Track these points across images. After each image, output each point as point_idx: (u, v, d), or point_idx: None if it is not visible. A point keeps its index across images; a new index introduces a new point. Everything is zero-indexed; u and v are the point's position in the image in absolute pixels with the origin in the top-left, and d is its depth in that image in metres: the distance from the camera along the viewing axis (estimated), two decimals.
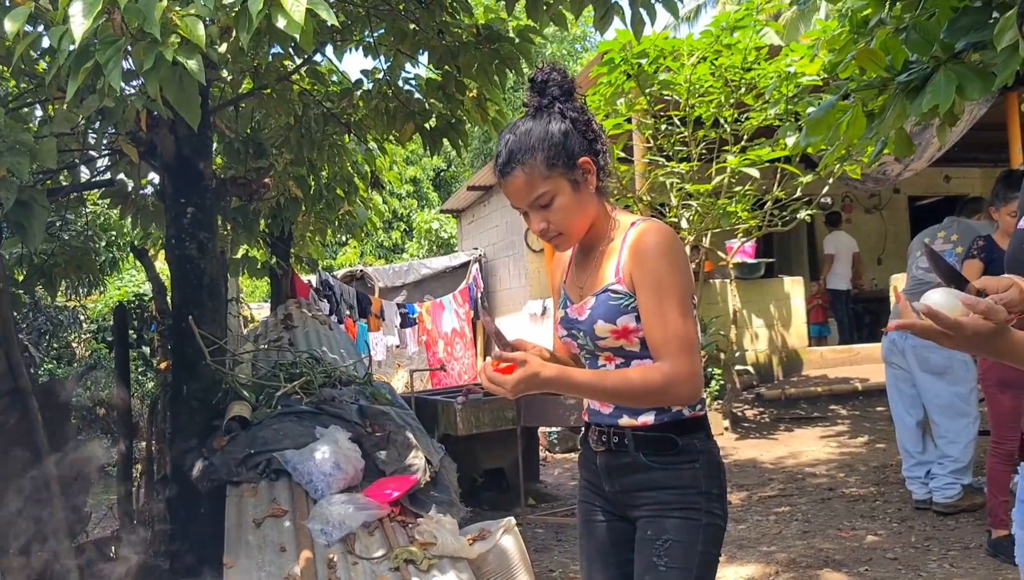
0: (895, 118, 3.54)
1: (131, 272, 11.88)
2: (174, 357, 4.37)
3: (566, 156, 1.77)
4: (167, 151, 4.15)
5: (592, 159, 1.80)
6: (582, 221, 1.82)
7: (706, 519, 1.79)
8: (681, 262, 1.73)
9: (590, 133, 1.81)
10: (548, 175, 1.77)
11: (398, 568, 3.11)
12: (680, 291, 1.71)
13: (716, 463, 1.84)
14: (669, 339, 1.69)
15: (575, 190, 1.79)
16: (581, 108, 1.81)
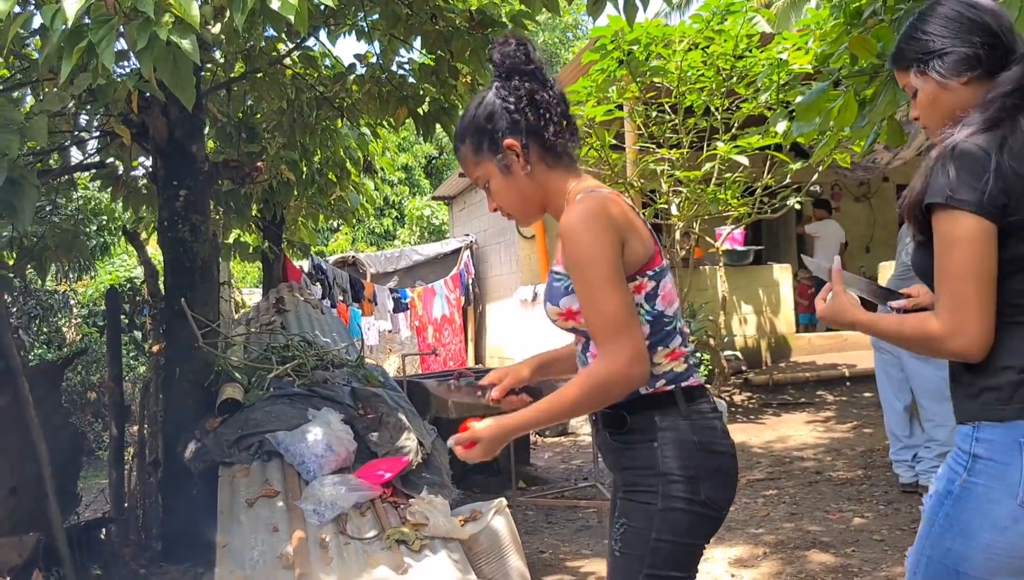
0: (886, 104, 3.56)
1: (122, 257, 11.85)
2: (167, 340, 4.38)
3: (489, 140, 1.76)
4: (159, 133, 4.15)
5: (519, 140, 1.74)
6: (522, 203, 1.81)
7: (663, 503, 1.66)
8: (601, 234, 1.62)
9: (523, 112, 1.74)
10: (476, 160, 1.79)
11: (390, 548, 3.13)
12: (603, 267, 1.62)
13: (686, 442, 1.68)
14: (600, 325, 1.63)
15: (505, 173, 1.77)
16: (516, 87, 1.74)
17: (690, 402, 1.72)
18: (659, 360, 1.72)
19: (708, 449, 1.70)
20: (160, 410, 4.77)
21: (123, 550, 4.33)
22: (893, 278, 4.92)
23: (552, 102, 1.76)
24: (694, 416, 1.71)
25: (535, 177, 1.78)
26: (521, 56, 1.76)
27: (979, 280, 1.49)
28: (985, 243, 1.49)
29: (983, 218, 1.49)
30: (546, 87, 1.77)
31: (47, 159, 5.02)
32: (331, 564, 3.03)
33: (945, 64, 1.62)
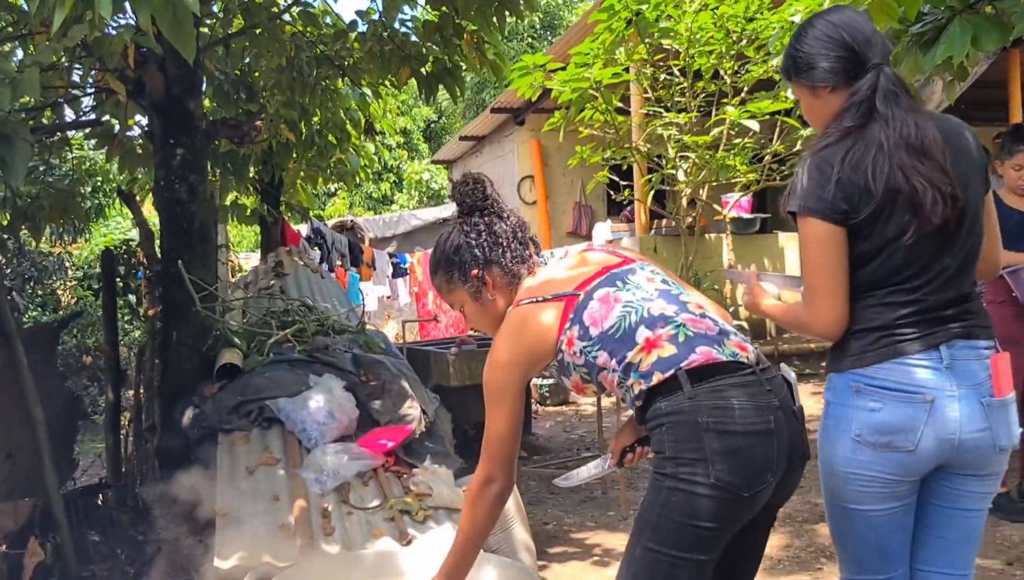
0: (908, 71, 3.44)
1: (117, 219, 11.72)
2: (163, 303, 4.28)
3: (459, 271, 2.00)
4: (156, 90, 4.02)
5: (482, 268, 1.98)
6: (493, 321, 2.01)
7: (670, 483, 1.70)
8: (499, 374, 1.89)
9: (482, 245, 1.98)
10: (449, 288, 2.05)
11: (393, 519, 3.07)
12: (496, 400, 1.89)
13: (690, 423, 1.68)
14: (485, 443, 1.92)
15: (475, 298, 2.02)
16: (475, 223, 1.99)
17: (699, 382, 1.72)
18: (636, 359, 1.78)
19: (719, 429, 1.67)
20: (156, 375, 4.68)
21: (121, 516, 4.27)
22: None
23: (508, 231, 2.01)
24: (702, 396, 1.71)
25: (499, 297, 2.01)
26: (479, 194, 2.01)
27: (829, 273, 1.81)
28: (832, 243, 1.79)
29: (829, 223, 1.79)
30: (502, 218, 2.02)
31: (40, 116, 4.89)
32: (333, 534, 2.96)
33: (813, 76, 1.90)
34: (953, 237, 1.81)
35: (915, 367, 1.79)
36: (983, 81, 8.02)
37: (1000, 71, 8.02)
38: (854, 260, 1.81)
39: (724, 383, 1.71)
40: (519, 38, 21.70)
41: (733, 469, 1.66)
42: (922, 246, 1.78)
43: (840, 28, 1.86)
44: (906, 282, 1.81)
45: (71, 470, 4.42)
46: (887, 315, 1.82)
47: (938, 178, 1.74)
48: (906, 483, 1.84)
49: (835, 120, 1.85)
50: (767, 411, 1.70)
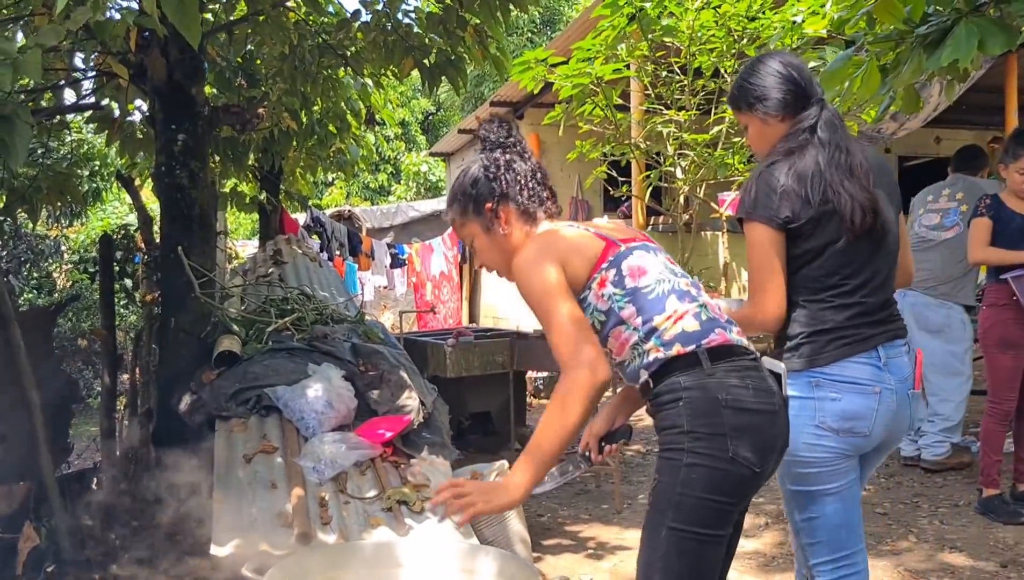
0: (911, 73, 3.43)
1: (114, 204, 11.69)
2: (162, 288, 4.27)
3: (473, 203, 2.00)
4: (158, 74, 4.00)
5: (494, 202, 1.97)
6: (502, 258, 2.01)
7: (688, 459, 1.73)
8: (537, 265, 1.83)
9: (502, 179, 1.98)
10: (463, 221, 2.04)
11: (391, 509, 3.07)
12: (544, 293, 1.80)
13: (710, 399, 1.74)
14: (555, 344, 1.77)
15: (486, 233, 2.01)
16: (496, 158, 1.99)
17: (716, 360, 1.78)
18: (662, 326, 1.81)
19: (736, 406, 1.74)
20: (153, 360, 4.67)
21: (116, 501, 4.26)
22: None
23: (527, 171, 2.01)
24: (720, 374, 1.77)
25: (512, 236, 1.99)
26: (504, 132, 2.03)
27: (771, 271, 2.06)
28: (774, 246, 2.06)
29: (771, 228, 2.05)
30: (523, 157, 2.02)
31: (40, 98, 4.87)
32: (330, 524, 2.96)
33: (767, 105, 2.17)
34: (880, 246, 2.11)
35: (862, 365, 2.05)
36: (980, 85, 8.04)
37: (998, 75, 8.04)
38: (800, 257, 2.08)
39: (738, 364, 1.80)
40: (519, 33, 21.66)
41: (748, 445, 1.73)
42: (855, 250, 2.07)
43: (789, 68, 2.18)
44: (846, 282, 2.07)
45: (66, 454, 4.41)
46: (835, 318, 2.06)
47: (860, 194, 2.05)
48: (855, 458, 2.12)
49: (781, 142, 2.15)
50: (772, 394, 1.80)
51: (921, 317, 4.56)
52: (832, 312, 2.06)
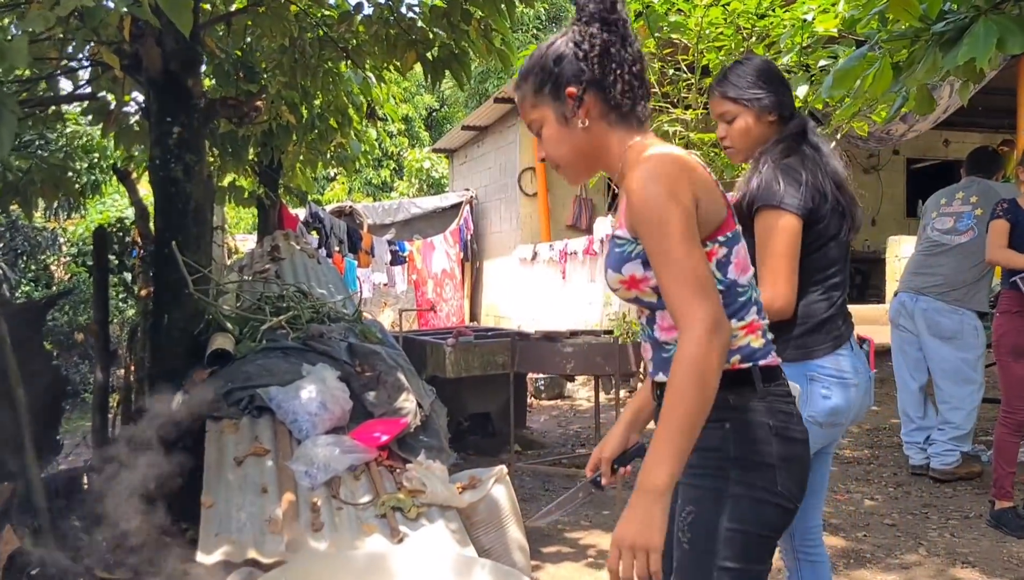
0: (926, 72, 3.33)
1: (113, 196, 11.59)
2: (156, 284, 4.17)
3: (553, 84, 1.63)
4: (153, 65, 3.90)
5: (580, 89, 1.61)
6: (574, 157, 1.67)
7: (736, 490, 1.54)
8: (676, 187, 1.48)
9: (592, 64, 1.61)
10: (535, 102, 1.68)
11: (384, 515, 2.97)
12: (678, 223, 1.46)
13: (760, 425, 1.55)
14: (677, 288, 1.45)
15: (561, 122, 1.64)
16: (593, 35, 1.61)
17: (767, 382, 1.59)
18: (735, 333, 1.59)
19: (784, 435, 1.58)
20: (147, 356, 4.58)
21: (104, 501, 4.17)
22: (917, 254, 4.72)
23: (628, 60, 1.63)
24: (770, 398, 1.59)
25: (593, 133, 1.64)
26: (607, 4, 1.62)
27: (792, 259, 2.10)
28: (797, 234, 2.11)
29: (798, 217, 2.11)
30: (625, 43, 1.63)
31: (34, 88, 4.77)
32: (322, 530, 2.87)
33: (763, 104, 2.25)
34: (848, 250, 2.29)
35: (844, 357, 2.17)
36: (991, 87, 7.93)
37: (1009, 77, 7.92)
38: (810, 245, 2.16)
39: (784, 389, 1.64)
40: (524, 28, 21.55)
41: (792, 479, 1.58)
42: (843, 250, 2.23)
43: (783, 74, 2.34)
44: (835, 276, 2.20)
45: (55, 452, 4.32)
46: (825, 309, 2.17)
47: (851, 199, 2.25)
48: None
49: (774, 144, 2.24)
50: (802, 421, 1.66)
51: (933, 323, 4.46)
52: (823, 303, 2.16)
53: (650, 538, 1.38)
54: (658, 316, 1.62)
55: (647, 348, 1.69)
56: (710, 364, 1.42)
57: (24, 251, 9.19)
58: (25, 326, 3.99)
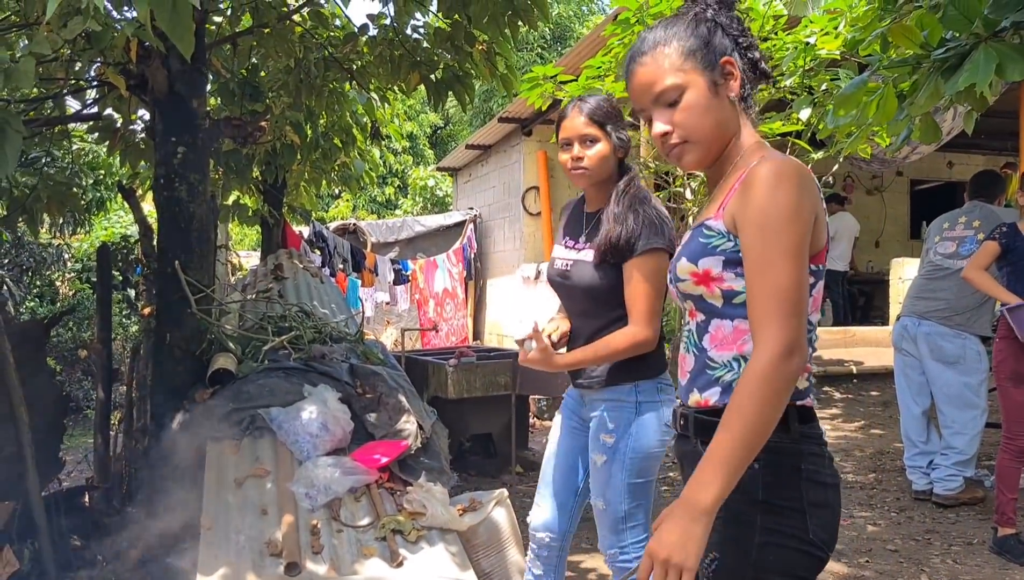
0: (928, 98, 3.34)
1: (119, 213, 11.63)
2: (158, 303, 4.18)
3: (707, 50, 1.54)
4: (158, 86, 3.92)
5: (738, 61, 1.55)
6: (713, 131, 1.53)
7: (762, 538, 1.43)
8: (803, 199, 1.40)
9: (743, 39, 1.58)
10: (681, 66, 1.53)
11: (385, 538, 2.96)
12: (794, 235, 1.37)
13: (792, 468, 1.45)
14: (767, 300, 1.37)
15: (711, 92, 1.52)
16: (735, 17, 1.60)
17: (802, 423, 1.49)
18: None
19: (815, 479, 1.48)
20: (149, 375, 4.58)
21: (105, 519, 4.16)
22: (919, 278, 4.72)
23: (756, 46, 1.60)
24: (803, 441, 1.48)
25: (735, 111, 1.55)
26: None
27: (662, 296, 2.33)
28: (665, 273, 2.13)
29: (668, 255, 2.28)
30: (746, 33, 1.59)
31: (42, 107, 4.81)
32: (321, 553, 2.86)
33: (623, 140, 2.44)
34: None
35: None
36: (994, 110, 7.92)
37: (1011, 100, 7.93)
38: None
39: (815, 431, 1.53)
40: (529, 48, 21.65)
41: (824, 525, 1.48)
42: None
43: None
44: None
45: (56, 470, 4.31)
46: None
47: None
48: None
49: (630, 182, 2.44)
50: (833, 463, 1.56)
51: (936, 347, 4.45)
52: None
53: (686, 557, 1.32)
54: (713, 325, 1.53)
55: (687, 359, 1.60)
56: (780, 385, 1.34)
57: (29, 267, 9.22)
58: (28, 345, 4.00)
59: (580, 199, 2.63)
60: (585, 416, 2.54)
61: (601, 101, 2.43)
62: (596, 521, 2.52)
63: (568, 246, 2.54)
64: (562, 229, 2.64)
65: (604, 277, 2.37)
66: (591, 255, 2.41)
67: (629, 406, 2.38)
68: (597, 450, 2.43)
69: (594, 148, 2.39)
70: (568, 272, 2.47)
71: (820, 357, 8.87)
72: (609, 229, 2.33)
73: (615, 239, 2.32)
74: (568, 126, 2.44)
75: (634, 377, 2.38)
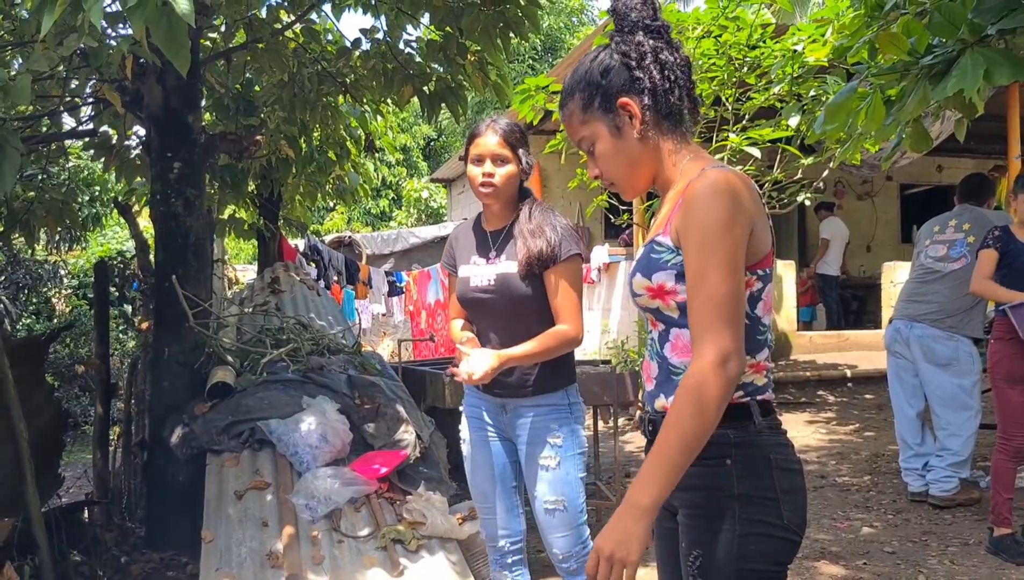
0: (916, 104, 3.38)
1: (114, 228, 11.66)
2: (156, 318, 4.21)
3: (602, 97, 1.57)
4: (154, 102, 3.96)
5: (636, 99, 1.55)
6: (629, 171, 1.60)
7: (743, 528, 1.48)
8: (737, 210, 1.44)
9: (645, 70, 1.56)
10: (584, 118, 1.60)
11: (385, 548, 2.99)
12: (727, 247, 1.42)
13: (761, 459, 1.51)
14: (705, 310, 1.42)
15: (615, 135, 1.57)
16: (639, 43, 1.57)
17: (764, 416, 1.55)
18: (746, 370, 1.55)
19: (784, 467, 1.53)
20: (147, 389, 4.60)
21: (105, 534, 4.17)
22: (911, 282, 4.75)
23: (678, 63, 1.58)
24: (767, 432, 1.54)
25: (648, 143, 1.58)
26: (648, 11, 1.59)
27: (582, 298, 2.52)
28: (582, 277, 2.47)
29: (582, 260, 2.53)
30: (671, 48, 1.59)
31: (38, 124, 4.84)
32: (322, 564, 2.88)
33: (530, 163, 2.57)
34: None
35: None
36: (981, 114, 8.01)
37: (999, 104, 8.01)
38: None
39: (776, 421, 1.59)
40: (520, 59, 21.74)
41: (795, 510, 1.53)
42: None
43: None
44: None
45: (56, 486, 4.32)
46: None
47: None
48: None
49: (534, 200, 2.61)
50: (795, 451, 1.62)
51: (928, 350, 4.48)
52: None
53: (628, 553, 1.39)
54: (672, 334, 1.57)
55: (651, 367, 1.63)
56: (713, 394, 1.39)
57: (25, 285, 9.23)
58: (27, 361, 4.01)
59: (476, 220, 2.71)
60: (505, 424, 2.62)
61: (514, 125, 2.55)
62: (550, 530, 2.54)
63: (480, 264, 2.61)
64: (461, 250, 2.69)
65: (529, 286, 2.50)
66: (513, 267, 2.50)
67: (564, 408, 2.54)
68: (546, 452, 2.51)
69: (504, 168, 2.50)
70: (492, 286, 2.55)
71: (814, 361, 8.91)
72: (531, 243, 2.47)
73: (539, 251, 2.45)
74: (482, 144, 2.53)
75: (563, 383, 2.55)
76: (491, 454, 2.66)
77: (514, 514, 2.67)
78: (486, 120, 2.61)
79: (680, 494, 1.53)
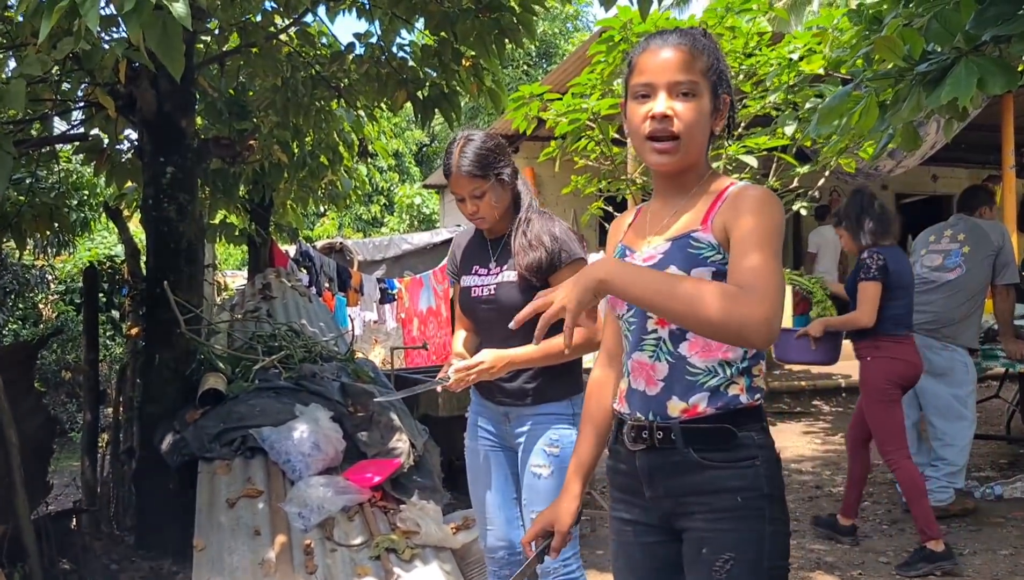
0: (910, 110, 3.38)
1: (103, 233, 11.57)
2: (147, 324, 4.17)
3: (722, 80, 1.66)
4: (147, 106, 3.93)
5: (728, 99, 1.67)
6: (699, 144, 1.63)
7: (771, 527, 1.53)
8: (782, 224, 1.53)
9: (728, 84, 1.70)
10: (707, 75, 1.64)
11: (379, 557, 2.95)
12: (777, 247, 1.49)
13: (776, 461, 1.59)
14: (758, 276, 1.43)
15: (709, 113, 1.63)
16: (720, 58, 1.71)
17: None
18: (756, 373, 1.60)
19: (779, 464, 1.63)
20: (137, 396, 4.56)
21: (94, 542, 4.12)
22: None
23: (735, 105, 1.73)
24: (770, 433, 1.62)
25: (714, 133, 1.66)
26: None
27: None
28: None
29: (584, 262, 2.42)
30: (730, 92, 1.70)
31: (28, 128, 4.79)
32: (315, 573, 2.84)
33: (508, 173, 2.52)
34: None
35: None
36: (976, 124, 8.03)
37: (993, 114, 8.04)
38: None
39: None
40: (515, 65, 21.76)
41: (787, 508, 1.62)
42: None
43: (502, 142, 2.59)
44: None
45: (44, 493, 4.27)
46: None
47: None
48: None
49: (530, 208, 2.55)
50: None
51: (924, 360, 4.46)
52: None
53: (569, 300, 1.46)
54: (690, 333, 1.56)
55: (656, 368, 1.60)
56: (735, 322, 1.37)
57: (13, 290, 9.15)
58: (17, 367, 3.96)
59: (476, 229, 2.69)
60: (507, 432, 2.58)
61: (476, 151, 2.46)
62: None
63: (481, 274, 2.59)
64: (461, 261, 2.68)
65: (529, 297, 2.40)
66: (513, 276, 2.47)
67: (567, 418, 2.47)
68: (542, 462, 2.47)
69: (484, 198, 2.46)
70: (494, 297, 2.51)
71: (809, 371, 8.90)
72: (528, 255, 2.43)
73: (538, 262, 2.42)
74: (454, 185, 2.51)
75: (568, 393, 2.49)
76: (492, 464, 2.62)
77: (514, 525, 2.63)
78: (452, 151, 2.52)
79: (704, 500, 1.54)
